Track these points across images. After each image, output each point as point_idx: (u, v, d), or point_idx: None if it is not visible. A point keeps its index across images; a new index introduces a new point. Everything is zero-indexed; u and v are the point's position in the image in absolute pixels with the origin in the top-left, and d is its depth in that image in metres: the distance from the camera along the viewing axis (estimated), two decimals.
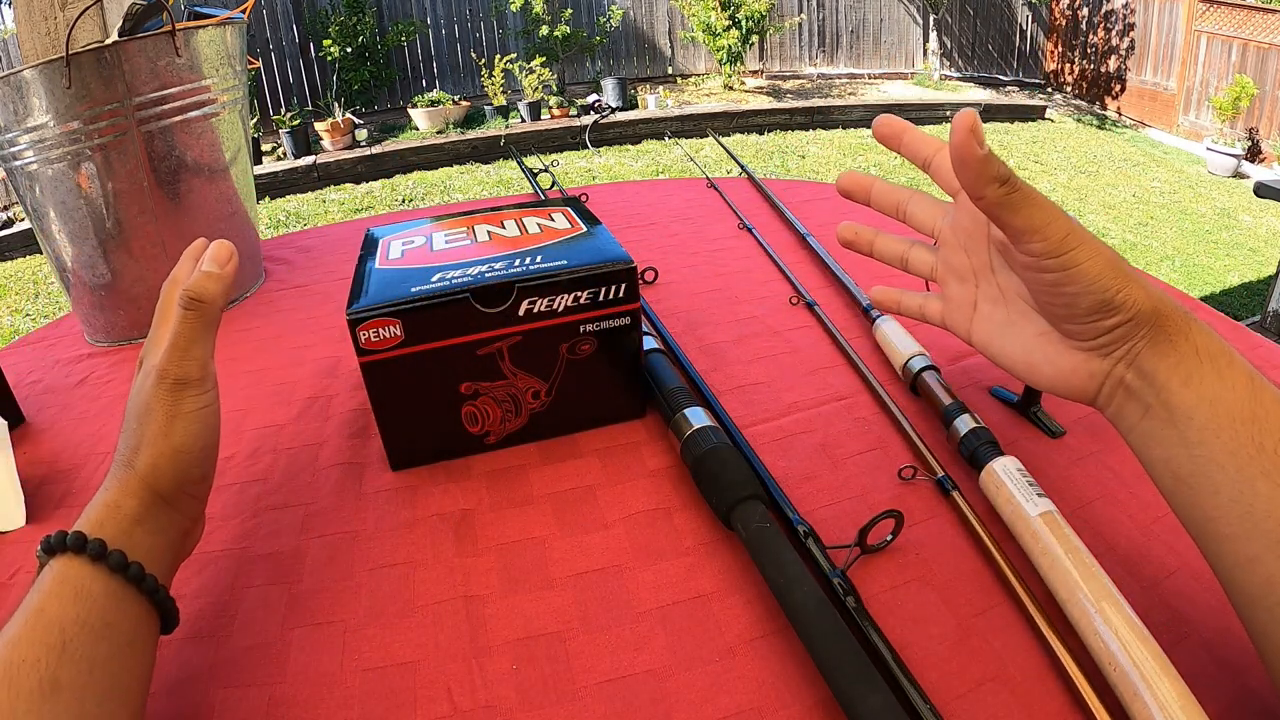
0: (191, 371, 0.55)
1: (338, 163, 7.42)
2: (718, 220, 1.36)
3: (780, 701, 0.49)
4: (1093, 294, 0.49)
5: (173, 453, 0.54)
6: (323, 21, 8.46)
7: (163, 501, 0.54)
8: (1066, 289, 0.50)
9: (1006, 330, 0.58)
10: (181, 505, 0.55)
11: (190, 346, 0.55)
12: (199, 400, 0.55)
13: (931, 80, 10.72)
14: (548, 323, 0.68)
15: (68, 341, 1.11)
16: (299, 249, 1.38)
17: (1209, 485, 0.45)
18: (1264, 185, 3.61)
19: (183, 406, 0.55)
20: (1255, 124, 8.29)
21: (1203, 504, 0.46)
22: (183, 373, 0.54)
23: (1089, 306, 0.50)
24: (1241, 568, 0.43)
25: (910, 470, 0.68)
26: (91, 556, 0.47)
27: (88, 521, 0.50)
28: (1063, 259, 0.49)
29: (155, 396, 0.54)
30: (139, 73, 0.96)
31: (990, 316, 0.60)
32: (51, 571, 0.47)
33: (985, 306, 0.60)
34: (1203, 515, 0.46)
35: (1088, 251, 0.49)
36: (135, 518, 0.51)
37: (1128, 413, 0.51)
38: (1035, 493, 0.60)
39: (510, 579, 0.60)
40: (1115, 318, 0.49)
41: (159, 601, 0.50)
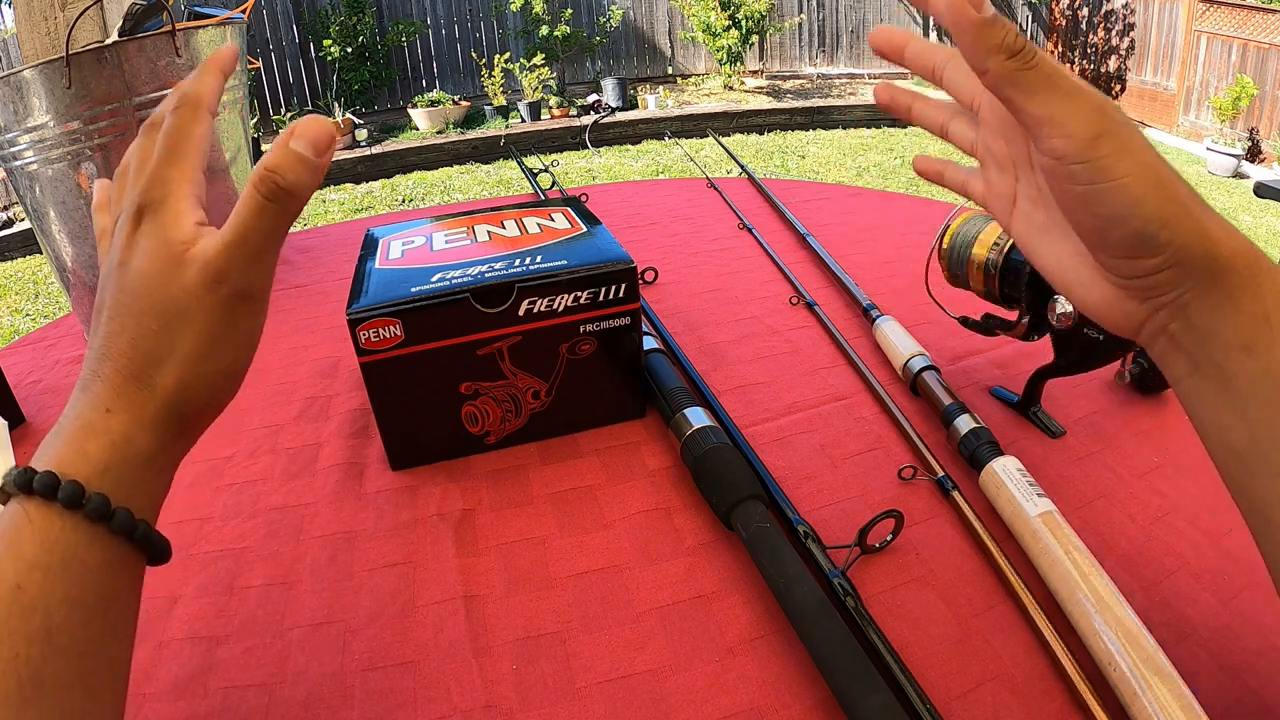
0: (258, 282, 0.42)
1: (337, 163, 7.41)
2: (718, 220, 1.36)
3: (780, 701, 0.49)
4: (1128, 222, 0.38)
5: (212, 376, 0.42)
6: (323, 21, 8.46)
7: (182, 431, 0.42)
8: (1096, 209, 0.39)
9: (1043, 237, 0.47)
10: (194, 433, 0.44)
11: (262, 252, 0.41)
12: (256, 319, 0.43)
13: None
14: (548, 323, 0.68)
15: (68, 341, 1.11)
16: (299, 249, 1.38)
17: (1269, 468, 0.38)
18: (1264, 185, 3.62)
19: (237, 324, 0.42)
20: (1255, 124, 8.29)
21: (1260, 486, 0.38)
22: (248, 283, 0.41)
23: (1122, 238, 0.39)
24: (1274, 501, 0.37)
25: (910, 470, 0.69)
26: (90, 516, 0.36)
27: (85, 458, 0.37)
28: (1091, 167, 0.38)
29: (203, 303, 0.40)
30: (139, 72, 0.96)
31: (1030, 216, 0.47)
32: (31, 528, 0.35)
33: (1025, 204, 0.48)
34: (1260, 498, 0.38)
35: (1127, 164, 0.38)
36: (149, 457, 0.40)
37: (1172, 363, 0.42)
38: (1035, 493, 0.60)
39: (510, 579, 0.60)
40: (1155, 259, 0.39)
41: (157, 552, 0.40)
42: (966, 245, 0.73)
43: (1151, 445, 0.71)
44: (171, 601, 0.60)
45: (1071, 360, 0.71)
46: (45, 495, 0.35)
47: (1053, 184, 0.41)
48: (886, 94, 0.55)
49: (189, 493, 0.73)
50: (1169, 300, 0.40)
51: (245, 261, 0.40)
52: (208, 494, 0.73)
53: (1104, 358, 0.70)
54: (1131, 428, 0.74)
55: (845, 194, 1.53)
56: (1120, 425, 0.74)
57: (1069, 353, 0.71)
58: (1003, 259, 0.71)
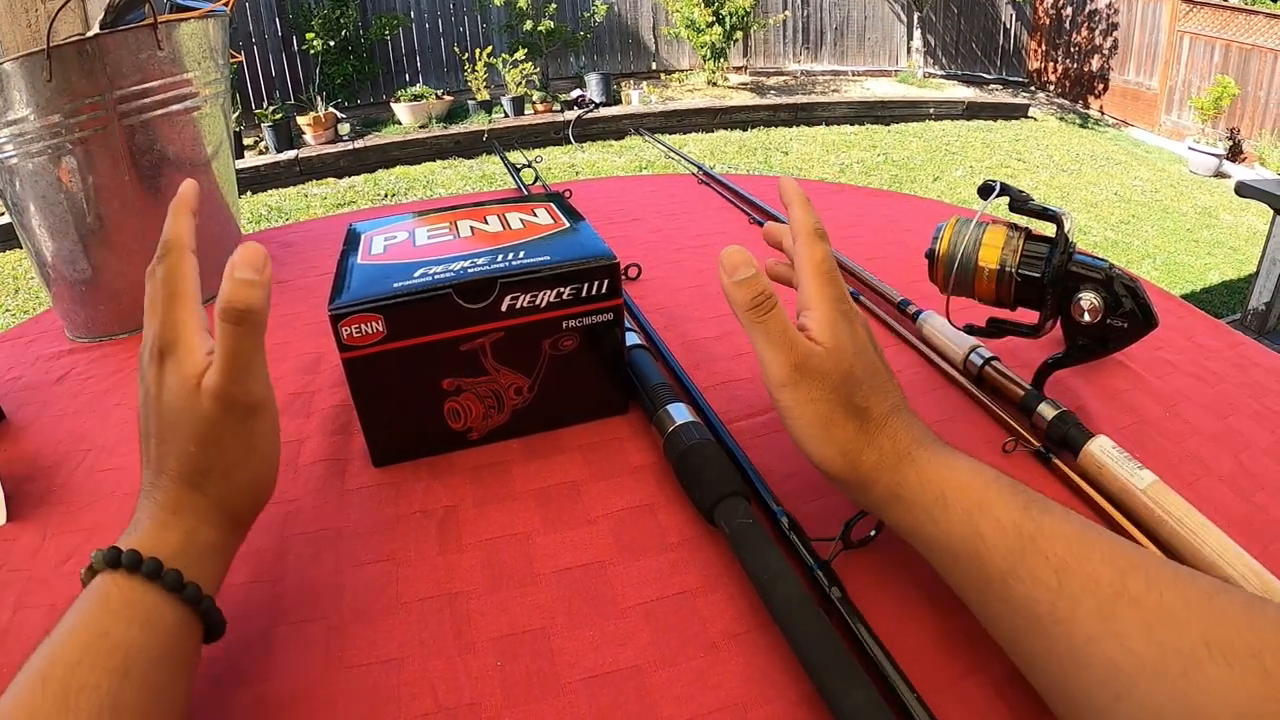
0: (257, 392, 0.52)
1: (320, 157, 7.38)
2: (702, 216, 1.37)
3: (764, 697, 0.50)
4: (797, 445, 0.56)
5: (251, 481, 0.53)
6: (306, 15, 8.41)
7: (235, 527, 0.53)
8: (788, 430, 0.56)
9: None
10: (246, 527, 0.55)
11: (250, 365, 0.50)
12: (269, 424, 0.54)
13: (915, 78, 10.76)
14: (530, 318, 0.68)
15: (48, 337, 1.10)
16: (281, 244, 1.37)
17: (964, 601, 0.50)
18: (1245, 185, 3.64)
19: (255, 434, 0.52)
20: (1236, 124, 8.35)
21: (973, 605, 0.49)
22: (250, 398, 0.51)
23: (800, 450, 0.56)
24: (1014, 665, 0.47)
25: (1012, 443, 0.70)
26: (167, 587, 0.46)
27: (165, 544, 0.48)
28: (778, 405, 0.56)
29: (224, 425, 0.50)
30: (121, 66, 0.95)
31: None
32: (119, 591, 0.45)
33: None
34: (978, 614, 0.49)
35: (800, 411, 0.54)
36: (213, 547, 0.51)
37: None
38: (1136, 466, 0.63)
39: (494, 575, 0.60)
40: (820, 470, 0.56)
41: (210, 618, 0.49)
42: (969, 255, 0.72)
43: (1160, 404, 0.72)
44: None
45: (1086, 349, 0.72)
46: (131, 569, 0.45)
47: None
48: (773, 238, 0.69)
49: None
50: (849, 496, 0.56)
51: (240, 380, 0.50)
52: None
53: (1115, 345, 0.71)
54: (1120, 399, 0.75)
55: (828, 190, 1.53)
56: (1110, 397, 0.75)
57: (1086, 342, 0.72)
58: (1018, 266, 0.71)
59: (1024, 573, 0.44)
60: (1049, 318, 0.72)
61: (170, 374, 0.51)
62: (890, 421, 0.54)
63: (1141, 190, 7.21)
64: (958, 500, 0.49)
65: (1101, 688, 0.40)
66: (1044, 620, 0.43)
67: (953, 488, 0.50)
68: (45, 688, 0.40)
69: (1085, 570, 0.43)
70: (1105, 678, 0.40)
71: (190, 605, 0.47)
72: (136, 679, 0.42)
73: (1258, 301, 3.86)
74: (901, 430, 0.54)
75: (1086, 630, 0.41)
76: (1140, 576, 0.41)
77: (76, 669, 0.41)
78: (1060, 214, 0.68)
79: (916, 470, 0.52)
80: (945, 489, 0.50)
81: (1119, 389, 0.81)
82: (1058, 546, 0.44)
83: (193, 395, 0.50)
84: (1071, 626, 0.42)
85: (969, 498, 0.49)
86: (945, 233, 0.74)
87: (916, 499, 0.51)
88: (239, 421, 0.51)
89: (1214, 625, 0.38)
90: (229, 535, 0.52)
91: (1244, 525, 0.63)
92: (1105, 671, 0.40)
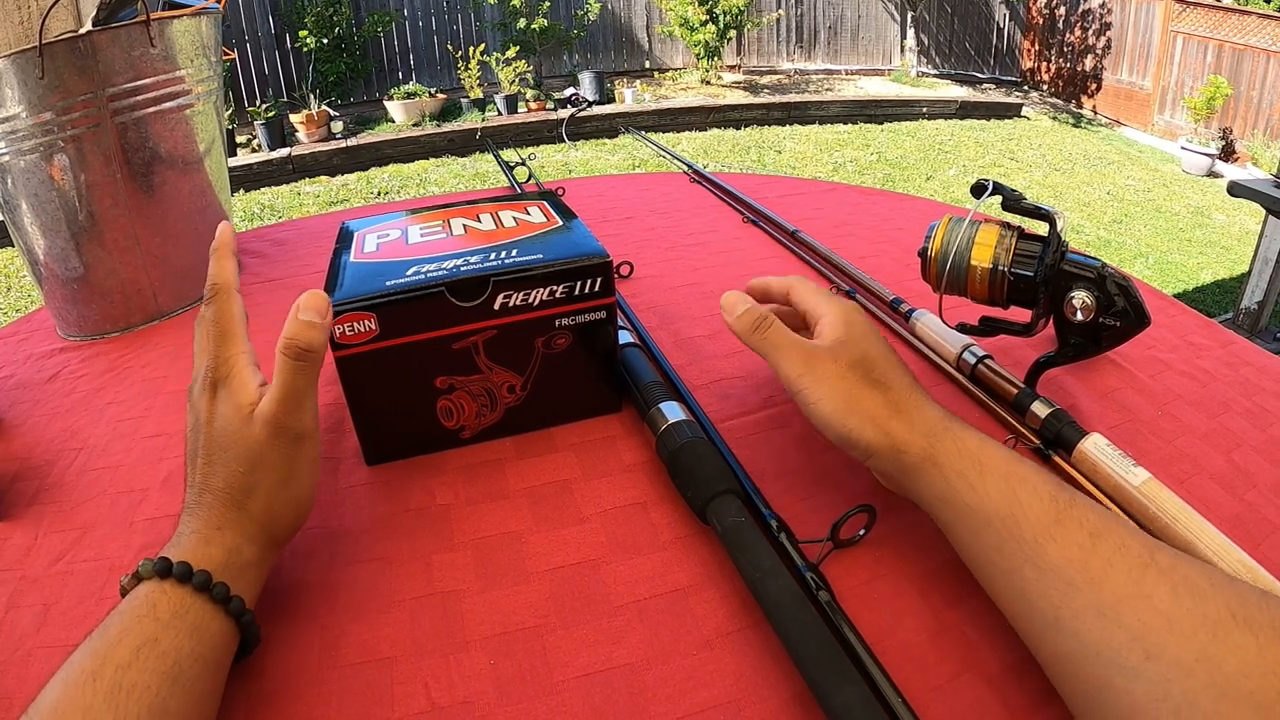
0: (306, 423, 0.56)
1: (313, 155, 7.36)
2: (694, 215, 1.37)
3: (757, 695, 0.50)
4: (827, 431, 0.59)
5: (293, 502, 0.56)
6: (299, 12, 8.40)
7: (274, 545, 0.56)
8: (810, 418, 0.61)
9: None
10: (283, 545, 0.58)
11: (302, 398, 0.55)
12: (314, 451, 0.57)
13: (909, 77, 10.77)
14: (523, 317, 0.68)
15: (40, 336, 1.10)
16: (273, 242, 1.37)
17: (986, 575, 0.51)
18: (1237, 184, 3.65)
19: (301, 459, 0.56)
20: (1229, 124, 8.38)
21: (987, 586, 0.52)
22: (301, 427, 0.55)
23: (830, 437, 0.60)
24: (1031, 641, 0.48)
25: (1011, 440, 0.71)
26: (215, 599, 0.49)
27: (210, 559, 0.50)
28: (798, 396, 0.61)
29: (273, 449, 0.54)
30: (113, 63, 0.95)
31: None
32: (168, 601, 0.47)
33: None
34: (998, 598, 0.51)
35: (821, 392, 0.59)
36: (254, 563, 0.53)
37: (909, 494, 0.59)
38: (1131, 464, 0.63)
39: (487, 574, 0.60)
40: (854, 452, 0.59)
41: (249, 635, 0.51)
42: (962, 254, 0.73)
43: (1152, 402, 0.72)
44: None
45: (1079, 347, 0.73)
46: (182, 579, 0.48)
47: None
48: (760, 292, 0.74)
49: (163, 489, 0.72)
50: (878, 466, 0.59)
51: (292, 411, 0.55)
52: (182, 490, 0.71)
53: (1108, 344, 0.71)
54: (1112, 398, 0.75)
55: (821, 189, 1.53)
56: (1102, 395, 0.75)
57: (1078, 340, 0.72)
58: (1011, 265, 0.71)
59: (1060, 535, 0.47)
60: (1041, 316, 0.72)
61: (223, 403, 0.55)
62: (913, 395, 0.59)
63: (1134, 190, 7.23)
64: (996, 468, 0.52)
65: (1131, 646, 0.41)
66: (1077, 580, 0.45)
67: (989, 457, 0.53)
68: (96, 685, 0.42)
69: (1117, 538, 0.46)
70: (1136, 635, 0.41)
71: (234, 618, 0.50)
72: (184, 685, 0.44)
73: (1250, 301, 3.87)
74: (927, 404, 0.58)
75: (1118, 590, 0.43)
76: (1165, 553, 0.45)
77: (128, 670, 0.43)
78: (1053, 213, 0.69)
79: (954, 438, 0.55)
80: (983, 458, 0.53)
81: (1111, 387, 0.81)
82: (1090, 515, 0.48)
83: (245, 421, 0.54)
84: (1103, 587, 0.44)
85: (1007, 467, 0.52)
86: (938, 232, 0.74)
87: (953, 464, 0.53)
88: (286, 446, 0.55)
89: (1236, 599, 0.41)
90: (267, 553, 0.55)
91: (1235, 523, 0.63)
92: (1136, 629, 0.41)
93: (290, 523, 0.57)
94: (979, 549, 0.51)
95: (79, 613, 0.59)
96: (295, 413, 0.55)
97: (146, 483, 0.73)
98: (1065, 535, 0.47)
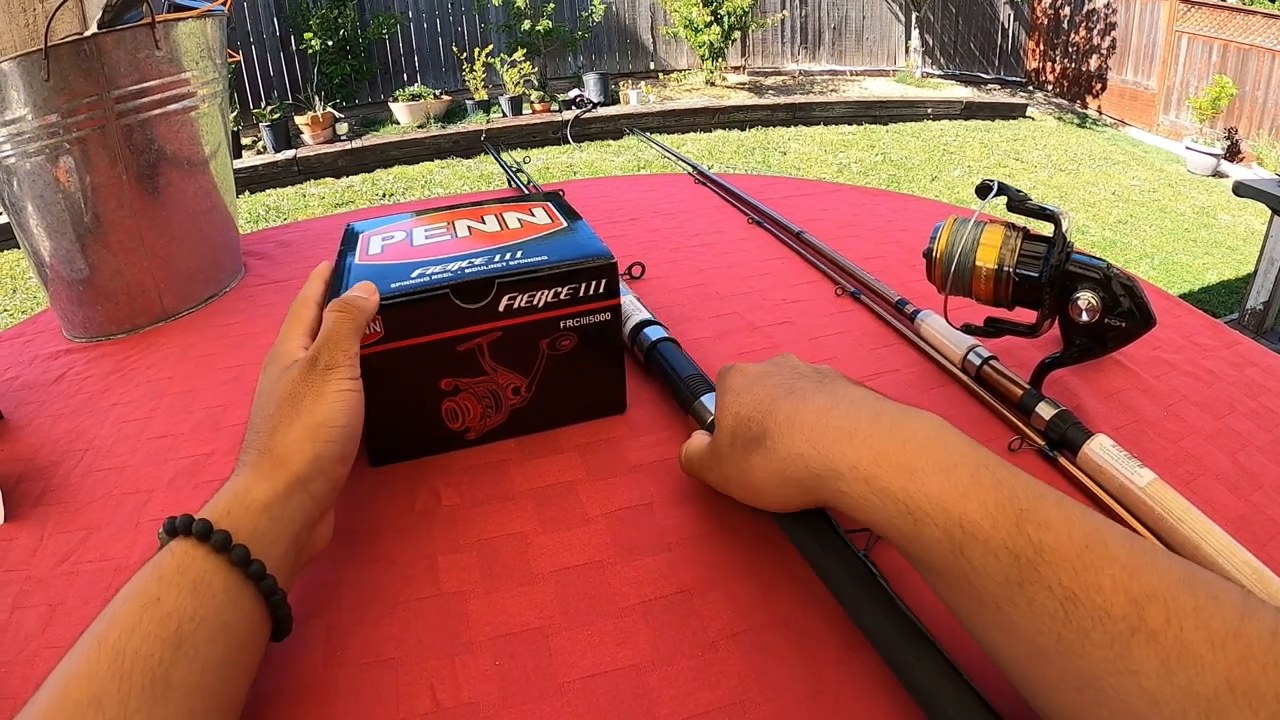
0: (340, 359, 0.58)
1: (318, 157, 7.38)
2: (699, 216, 1.37)
3: (763, 696, 0.50)
4: (768, 505, 0.54)
5: (315, 425, 0.55)
6: (304, 14, 8.41)
7: (298, 483, 0.53)
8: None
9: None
10: (314, 486, 0.55)
11: (341, 340, 0.59)
12: (344, 383, 0.58)
13: (914, 78, 10.76)
14: (528, 318, 0.68)
15: (45, 337, 1.10)
16: (278, 243, 1.37)
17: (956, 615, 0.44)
18: (1242, 184, 3.64)
19: (329, 386, 0.57)
20: (1234, 124, 8.36)
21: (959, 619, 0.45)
22: (333, 359, 0.58)
23: (775, 507, 0.54)
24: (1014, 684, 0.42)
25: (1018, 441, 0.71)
26: (214, 547, 0.47)
27: (214, 508, 0.49)
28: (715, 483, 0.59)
29: (305, 381, 0.57)
30: (118, 65, 0.95)
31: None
32: (171, 556, 0.46)
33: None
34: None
35: (730, 489, 0.57)
36: (264, 504, 0.51)
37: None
38: (1136, 465, 0.63)
39: (492, 575, 0.60)
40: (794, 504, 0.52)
41: (274, 605, 0.49)
42: (967, 254, 0.72)
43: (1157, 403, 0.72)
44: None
45: (1084, 348, 0.73)
46: (182, 533, 0.47)
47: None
48: None
49: (169, 489, 0.72)
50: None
51: (330, 347, 0.58)
52: (188, 490, 0.72)
53: (1113, 344, 0.71)
54: (1118, 399, 0.75)
55: (826, 190, 1.53)
56: (1107, 396, 0.75)
57: (1083, 341, 0.72)
58: (1016, 266, 0.71)
59: (1024, 603, 0.39)
60: (1047, 317, 0.72)
61: (268, 372, 0.60)
62: (799, 418, 0.51)
63: (1139, 190, 7.21)
64: (931, 518, 0.43)
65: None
66: (1049, 652, 0.38)
67: (921, 501, 0.43)
68: (100, 651, 0.41)
69: (1095, 602, 0.37)
70: (1117, 715, 0.36)
71: (237, 568, 0.47)
72: (189, 653, 0.42)
73: (1255, 301, 3.86)
74: (815, 418, 0.50)
75: (1097, 665, 0.37)
76: (1158, 608, 0.36)
77: (131, 634, 0.42)
78: (1058, 213, 0.69)
79: (862, 477, 0.46)
80: (912, 500, 0.44)
81: (1116, 388, 0.81)
82: (1062, 575, 0.38)
83: (283, 370, 0.58)
84: (1080, 660, 0.37)
85: (945, 515, 0.42)
86: (943, 232, 0.74)
87: (873, 515, 0.45)
88: (320, 376, 0.57)
89: (1238, 665, 0.34)
90: (288, 495, 0.52)
91: (1240, 524, 0.63)
92: (1117, 708, 0.36)
93: (312, 452, 0.54)
94: (940, 595, 0.45)
95: (84, 613, 0.59)
96: (332, 350, 0.58)
97: (152, 484, 0.73)
98: (1030, 603, 0.39)
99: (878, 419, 0.48)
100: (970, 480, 0.43)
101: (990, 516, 0.41)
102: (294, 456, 0.54)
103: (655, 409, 0.78)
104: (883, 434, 0.47)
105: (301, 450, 0.54)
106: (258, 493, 0.51)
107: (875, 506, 0.45)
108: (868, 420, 0.48)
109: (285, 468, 0.53)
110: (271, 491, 0.51)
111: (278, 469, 0.53)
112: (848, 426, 0.48)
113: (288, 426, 0.55)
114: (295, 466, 0.53)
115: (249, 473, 0.52)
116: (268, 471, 0.52)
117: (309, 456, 0.54)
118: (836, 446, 0.47)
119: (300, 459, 0.54)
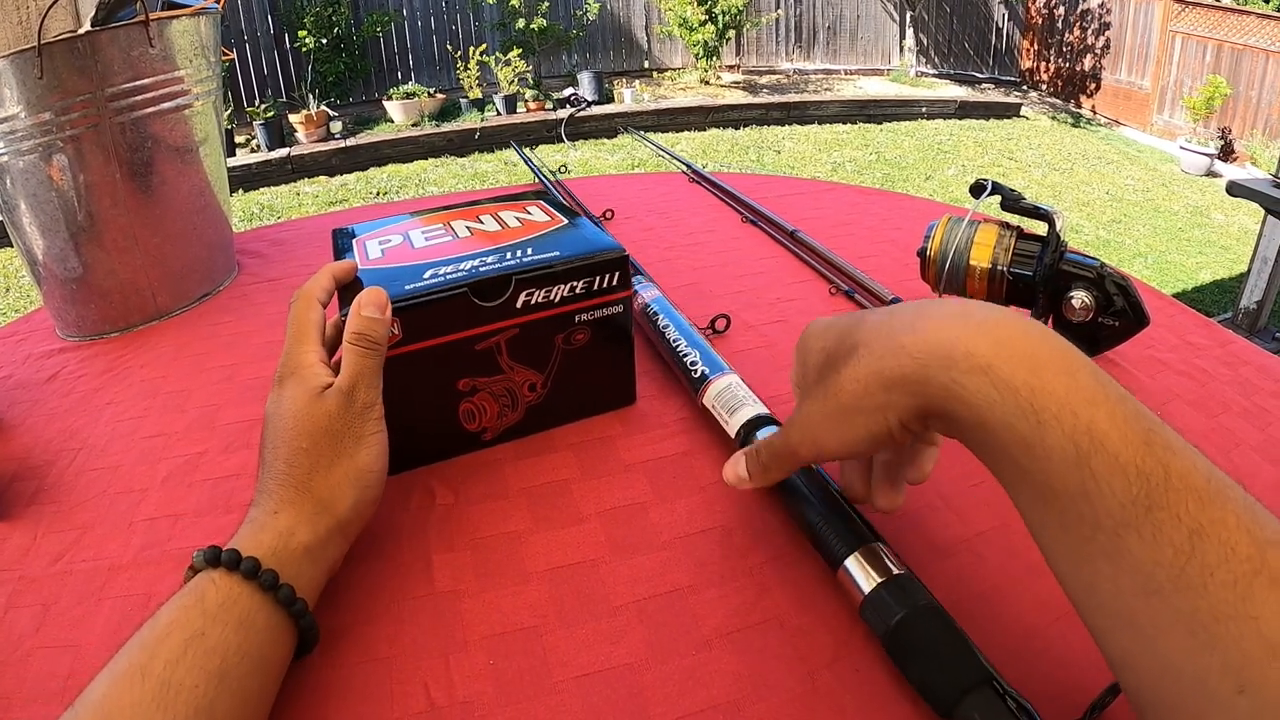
0: (374, 398, 0.58)
1: (312, 155, 7.35)
2: (693, 215, 1.37)
3: (757, 695, 0.50)
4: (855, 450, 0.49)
5: (357, 472, 0.56)
6: (298, 12, 8.39)
7: (337, 528, 0.55)
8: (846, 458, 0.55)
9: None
10: (350, 530, 0.57)
11: (373, 377, 0.59)
12: (378, 423, 0.59)
13: (908, 77, 10.77)
14: (544, 314, 0.68)
15: (39, 336, 1.10)
16: (272, 242, 1.37)
17: (1049, 552, 0.40)
18: (1236, 184, 3.65)
19: (367, 429, 0.57)
20: (1228, 123, 8.38)
21: (1049, 563, 0.40)
22: (369, 398, 0.58)
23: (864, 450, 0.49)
24: (1097, 636, 0.38)
25: None
26: (262, 586, 0.48)
27: (259, 545, 0.50)
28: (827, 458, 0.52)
29: (343, 419, 0.56)
30: (112, 63, 0.95)
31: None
32: (215, 590, 0.47)
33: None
34: (1054, 572, 0.40)
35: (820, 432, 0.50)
36: (306, 546, 0.52)
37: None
38: None
39: (486, 574, 0.60)
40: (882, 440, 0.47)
41: (304, 628, 0.51)
42: (961, 253, 0.73)
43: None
44: (146, 599, 0.59)
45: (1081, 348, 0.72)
46: (230, 567, 0.48)
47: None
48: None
49: (162, 489, 0.72)
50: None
51: (359, 387, 0.57)
52: (181, 490, 0.72)
53: (1107, 343, 0.71)
54: None
55: (820, 189, 1.53)
56: None
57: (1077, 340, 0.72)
58: (1010, 265, 0.71)
59: (1149, 530, 0.35)
60: (1041, 316, 0.72)
61: (290, 389, 0.57)
62: (893, 318, 0.46)
63: (1133, 189, 7.23)
64: (1058, 420, 0.38)
65: (1223, 676, 0.32)
66: (1165, 588, 0.34)
67: (1047, 400, 0.38)
68: (145, 682, 0.42)
69: (1222, 538, 0.34)
70: (1231, 664, 0.32)
71: (284, 607, 0.49)
72: (231, 686, 0.44)
73: (1249, 300, 3.87)
74: (913, 310, 0.45)
75: (1217, 605, 0.33)
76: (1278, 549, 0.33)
77: (176, 666, 0.42)
78: (1052, 213, 0.69)
79: (980, 365, 0.40)
80: (1036, 398, 0.38)
81: None
82: (1191, 505, 0.35)
83: (315, 398, 0.56)
84: (1199, 598, 0.33)
85: (1074, 419, 0.38)
86: (937, 231, 0.74)
87: (989, 413, 0.39)
88: (355, 416, 0.57)
89: None
90: (329, 540, 0.54)
91: None
92: (1232, 657, 0.32)
93: (354, 498, 0.56)
94: (1040, 521, 0.40)
95: (78, 613, 0.59)
96: (368, 389, 0.58)
97: (145, 483, 0.73)
98: (1155, 530, 0.35)
99: (987, 307, 0.43)
100: (1096, 386, 0.39)
101: (1119, 429, 0.37)
102: (338, 501, 0.55)
103: (648, 406, 0.78)
104: (997, 320, 0.41)
105: (345, 496, 0.55)
106: (301, 536, 0.52)
107: (994, 402, 0.39)
108: (978, 307, 0.43)
109: (329, 513, 0.54)
110: (314, 536, 0.53)
111: (320, 514, 0.54)
112: (957, 311, 0.43)
113: (328, 468, 0.55)
114: (338, 512, 0.55)
115: (291, 513, 0.53)
116: (309, 515, 0.53)
117: (350, 503, 0.56)
118: (946, 331, 0.42)
119: (343, 505, 0.55)
